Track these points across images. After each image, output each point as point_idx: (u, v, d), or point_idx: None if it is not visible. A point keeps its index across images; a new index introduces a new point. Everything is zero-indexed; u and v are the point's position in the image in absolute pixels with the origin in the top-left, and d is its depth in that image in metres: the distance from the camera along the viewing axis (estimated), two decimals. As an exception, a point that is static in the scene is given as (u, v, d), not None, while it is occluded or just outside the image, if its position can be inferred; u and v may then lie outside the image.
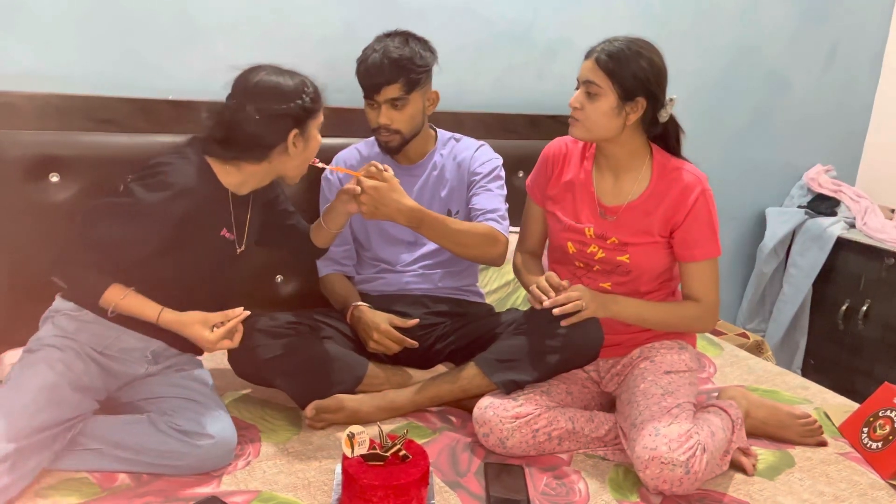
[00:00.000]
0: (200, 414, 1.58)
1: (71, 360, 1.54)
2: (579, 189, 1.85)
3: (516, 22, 2.54)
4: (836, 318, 3.10)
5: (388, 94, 1.91)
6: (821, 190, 3.28)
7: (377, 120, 1.95)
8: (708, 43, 2.94)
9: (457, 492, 1.54)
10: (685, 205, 1.74)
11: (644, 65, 1.69)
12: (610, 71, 1.68)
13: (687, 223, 1.75)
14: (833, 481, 1.68)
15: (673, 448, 1.51)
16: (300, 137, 1.63)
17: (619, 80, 1.68)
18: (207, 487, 1.50)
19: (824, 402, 2.07)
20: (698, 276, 1.78)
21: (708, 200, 1.76)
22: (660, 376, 1.72)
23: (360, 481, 1.39)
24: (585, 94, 1.72)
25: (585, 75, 1.72)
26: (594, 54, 1.71)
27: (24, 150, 1.88)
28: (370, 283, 2.07)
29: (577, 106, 1.73)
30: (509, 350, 1.77)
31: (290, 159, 1.65)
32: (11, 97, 1.87)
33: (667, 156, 1.81)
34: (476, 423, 1.68)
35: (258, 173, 1.66)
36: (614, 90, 1.69)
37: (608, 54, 1.69)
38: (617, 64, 1.68)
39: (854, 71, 3.34)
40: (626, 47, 1.69)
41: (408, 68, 1.90)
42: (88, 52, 1.98)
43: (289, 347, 1.76)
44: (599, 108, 1.70)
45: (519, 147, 2.52)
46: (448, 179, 2.06)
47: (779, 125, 3.24)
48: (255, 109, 1.57)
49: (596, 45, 1.74)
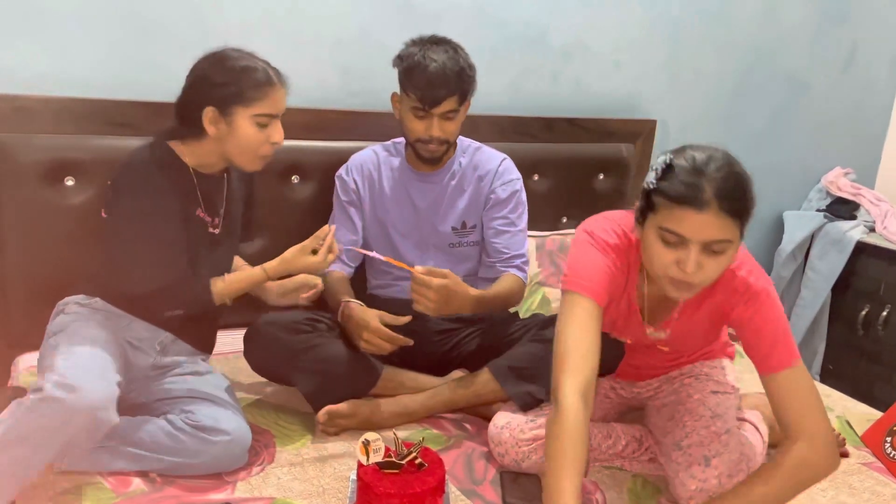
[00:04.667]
0: (215, 411, 1.58)
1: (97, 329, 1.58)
2: (625, 303, 1.56)
3: (531, 25, 2.52)
4: (855, 324, 3.06)
5: (446, 106, 1.85)
6: (840, 193, 3.24)
7: (428, 132, 1.87)
8: (725, 45, 2.90)
9: (472, 500, 1.52)
10: (745, 306, 1.44)
11: (751, 189, 1.35)
12: (737, 212, 1.31)
13: (752, 327, 1.44)
14: (856, 492, 1.65)
15: (723, 483, 1.45)
16: (220, 119, 1.58)
17: (743, 219, 1.33)
18: (221, 493, 1.49)
19: (846, 410, 2.04)
20: (787, 392, 1.40)
21: (772, 299, 1.45)
22: (707, 395, 1.62)
23: (376, 489, 1.38)
24: (706, 254, 1.32)
25: (709, 234, 1.30)
26: (710, 204, 1.28)
27: (40, 154, 1.88)
28: (385, 290, 2.04)
29: (695, 270, 1.32)
30: (524, 358, 1.75)
31: (224, 140, 1.60)
32: (27, 101, 1.87)
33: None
34: (491, 441, 1.65)
35: (208, 152, 1.63)
36: (739, 234, 1.34)
37: (730, 196, 1.30)
38: (743, 203, 1.32)
39: (873, 72, 3.29)
40: (736, 177, 1.33)
41: (466, 80, 1.86)
42: (104, 56, 1.98)
43: (306, 344, 1.74)
44: (725, 262, 1.35)
45: (534, 150, 2.50)
46: (466, 191, 2.00)
47: (797, 128, 3.20)
48: (191, 78, 1.60)
49: (693, 191, 1.29)
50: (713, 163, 1.32)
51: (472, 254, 2.02)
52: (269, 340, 1.74)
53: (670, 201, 1.31)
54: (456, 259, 2.00)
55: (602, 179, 2.67)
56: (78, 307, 1.63)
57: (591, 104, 2.69)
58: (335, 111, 2.23)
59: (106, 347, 1.54)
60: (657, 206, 1.34)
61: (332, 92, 2.27)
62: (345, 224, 1.99)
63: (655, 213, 1.35)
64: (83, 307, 1.63)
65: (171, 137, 1.64)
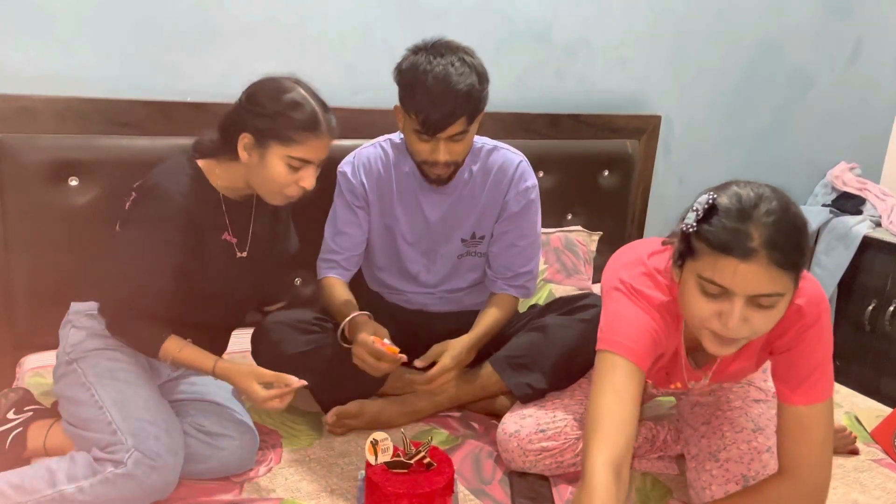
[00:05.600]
0: (223, 416, 1.57)
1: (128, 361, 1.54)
2: (669, 358, 1.44)
3: (536, 21, 2.51)
4: (862, 319, 3.04)
5: (452, 130, 1.65)
6: (845, 188, 3.23)
7: (433, 156, 1.69)
8: (730, 40, 2.89)
9: (482, 500, 1.52)
10: (790, 332, 1.31)
11: (807, 235, 1.19)
12: (792, 264, 1.15)
13: (791, 354, 1.32)
14: (867, 489, 1.64)
15: None
16: (253, 148, 1.49)
17: (798, 270, 1.18)
18: (229, 495, 1.48)
19: (854, 406, 2.03)
20: (801, 428, 1.29)
21: (820, 326, 1.30)
22: (749, 403, 1.53)
23: (385, 489, 1.37)
24: (753, 308, 1.17)
25: (757, 288, 1.15)
26: (758, 254, 1.12)
27: (44, 155, 1.87)
28: (390, 295, 1.98)
29: (740, 325, 1.18)
30: (520, 347, 1.75)
31: (253, 170, 1.52)
32: (30, 101, 1.86)
33: None
34: (500, 446, 1.63)
35: (238, 176, 1.55)
36: (793, 285, 1.18)
37: (782, 244, 1.13)
38: (798, 252, 1.16)
39: (879, 66, 3.28)
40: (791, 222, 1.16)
41: (475, 99, 1.65)
42: (107, 56, 1.97)
43: (314, 344, 1.73)
44: (776, 316, 1.20)
45: (539, 147, 2.49)
46: (479, 200, 1.86)
47: (802, 123, 3.19)
48: (243, 96, 1.53)
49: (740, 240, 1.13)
50: (764, 204, 1.15)
51: (479, 264, 1.94)
52: (278, 340, 1.72)
53: (712, 248, 1.16)
54: (463, 269, 1.94)
55: (607, 176, 2.66)
56: (89, 320, 1.58)
57: (596, 100, 2.68)
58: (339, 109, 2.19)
59: (149, 385, 1.52)
60: (697, 252, 1.19)
61: (335, 90, 2.24)
62: (351, 227, 1.87)
63: (695, 260, 1.19)
64: (94, 318, 1.57)
65: (203, 155, 1.57)
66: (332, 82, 2.25)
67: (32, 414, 1.62)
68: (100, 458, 1.39)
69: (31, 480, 1.38)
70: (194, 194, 1.52)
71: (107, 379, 1.49)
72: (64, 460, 1.41)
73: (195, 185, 1.53)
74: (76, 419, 1.48)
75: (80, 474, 1.37)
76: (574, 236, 2.53)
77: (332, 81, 2.25)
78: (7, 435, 1.57)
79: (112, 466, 1.37)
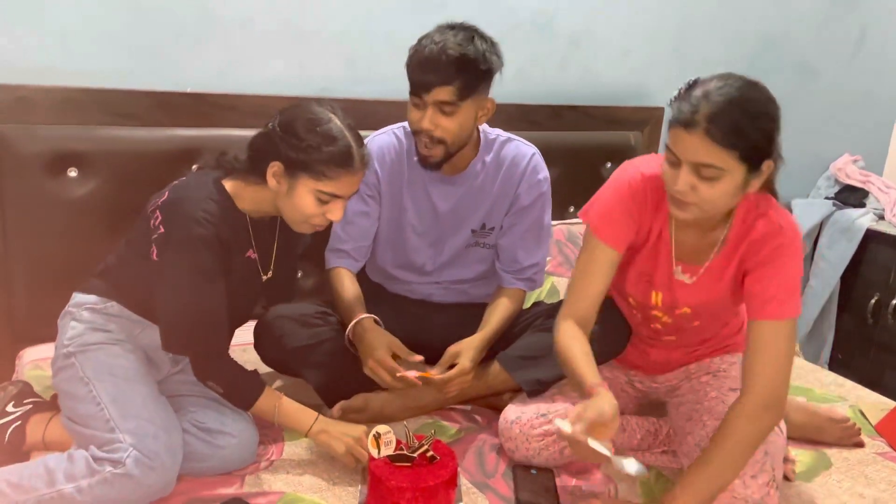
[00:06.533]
0: (222, 413, 1.56)
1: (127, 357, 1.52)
2: (655, 244, 1.53)
3: (539, 12, 2.49)
4: (864, 313, 3.03)
5: (438, 95, 1.64)
6: (848, 181, 3.21)
7: (419, 123, 1.69)
8: (734, 31, 2.87)
9: (485, 493, 1.51)
10: (763, 253, 1.42)
11: (765, 123, 1.30)
12: (734, 146, 1.27)
13: (761, 273, 1.42)
14: (872, 482, 1.63)
15: (747, 484, 1.39)
16: (283, 177, 1.46)
17: (747, 152, 1.29)
18: (230, 488, 1.47)
19: (859, 400, 2.02)
20: (764, 343, 1.39)
21: (792, 250, 1.41)
22: (725, 392, 1.57)
23: (388, 483, 1.36)
24: (696, 176, 1.31)
25: (694, 155, 1.29)
26: (700, 126, 1.27)
27: (43, 145, 1.86)
28: (392, 285, 1.97)
29: (685, 190, 1.33)
30: (532, 346, 1.74)
31: (281, 198, 1.49)
32: (30, 91, 1.85)
33: (753, 199, 1.45)
34: (502, 436, 1.63)
35: (265, 200, 1.52)
36: (741, 165, 1.30)
37: (724, 127, 1.26)
38: (742, 137, 1.27)
39: (883, 58, 3.26)
40: (739, 110, 1.27)
41: (467, 70, 1.63)
42: (107, 46, 1.95)
43: (317, 338, 1.72)
44: (722, 190, 1.32)
45: (541, 138, 2.45)
46: (490, 193, 1.85)
47: (805, 115, 3.17)
48: (278, 121, 1.47)
49: (688, 111, 1.28)
50: (724, 87, 1.28)
51: (487, 255, 1.92)
52: (280, 334, 1.71)
53: (671, 121, 1.34)
54: (470, 259, 1.92)
55: (609, 168, 2.64)
56: (91, 314, 1.55)
57: (599, 92, 2.66)
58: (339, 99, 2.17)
59: (148, 382, 1.51)
60: (669, 126, 1.36)
61: (336, 80, 2.24)
62: (361, 217, 1.85)
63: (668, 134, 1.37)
64: (97, 313, 1.55)
65: (228, 175, 1.53)
66: (333, 73, 2.24)
67: (32, 407, 1.61)
68: (98, 458, 1.38)
69: (30, 479, 1.37)
70: (222, 219, 1.47)
71: (105, 375, 1.47)
72: (62, 459, 1.40)
73: (222, 210, 1.48)
74: (74, 414, 1.47)
75: (79, 474, 1.37)
76: (576, 229, 2.52)
77: (333, 72, 2.24)
78: (6, 428, 1.56)
79: (111, 466, 1.36)
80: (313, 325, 1.74)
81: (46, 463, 1.40)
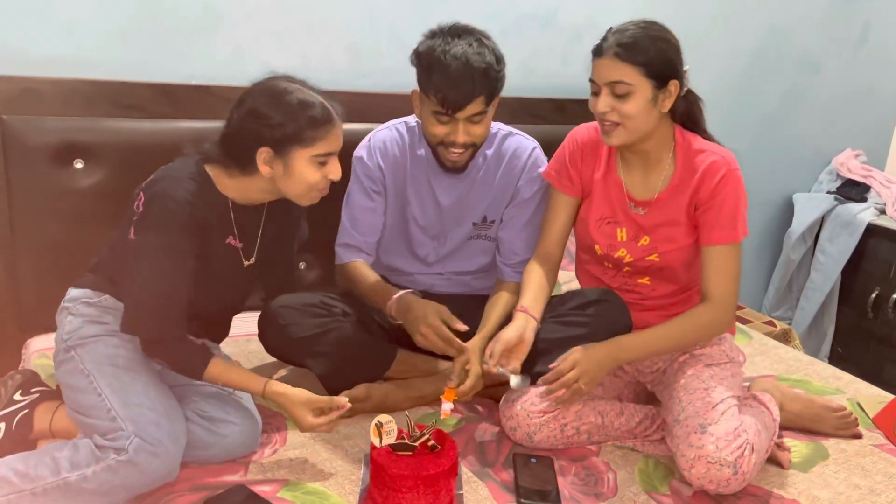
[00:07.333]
0: (225, 401, 1.58)
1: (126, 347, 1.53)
2: (608, 185, 1.74)
3: (542, 5, 2.49)
4: (865, 307, 3.05)
5: (471, 109, 1.66)
6: (850, 175, 3.22)
7: (452, 137, 1.71)
8: (737, 25, 2.88)
9: (485, 482, 1.53)
10: (709, 186, 1.63)
11: (664, 45, 1.56)
12: (637, 62, 1.54)
13: (709, 204, 1.63)
14: (868, 473, 1.64)
15: (721, 447, 1.46)
16: (274, 159, 1.47)
17: (650, 68, 1.54)
18: (234, 476, 1.49)
19: (857, 393, 2.03)
20: (716, 264, 1.64)
21: (733, 181, 1.63)
22: (701, 370, 1.65)
23: (389, 471, 1.38)
24: (613, 96, 1.57)
25: (607, 76, 1.56)
26: (609, 51, 1.55)
27: (49, 137, 1.87)
28: (395, 277, 1.97)
29: (606, 110, 1.58)
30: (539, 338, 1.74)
31: (279, 180, 1.50)
32: (36, 83, 1.86)
33: (689, 139, 1.69)
34: (503, 416, 1.66)
35: (255, 187, 1.53)
36: (648, 81, 1.55)
37: (627, 46, 1.54)
38: (642, 53, 1.54)
39: (886, 53, 3.26)
40: (640, 32, 1.56)
41: (493, 78, 1.67)
42: (113, 38, 1.97)
43: (321, 328, 1.73)
44: (635, 105, 1.56)
45: (544, 132, 2.46)
46: (492, 185, 1.88)
47: (808, 109, 3.18)
48: (243, 112, 1.47)
49: (600, 42, 1.59)
50: (636, 26, 1.57)
51: (489, 248, 1.94)
52: (284, 324, 1.72)
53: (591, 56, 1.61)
54: (472, 251, 1.94)
55: (612, 161, 2.65)
56: (86, 307, 1.56)
57: (602, 85, 2.66)
58: (343, 93, 2.19)
59: (149, 370, 1.53)
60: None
61: (340, 73, 2.25)
62: (368, 214, 1.88)
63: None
64: (91, 306, 1.56)
65: (212, 163, 1.54)
66: (337, 66, 2.25)
67: (38, 396, 1.63)
68: (102, 446, 1.39)
69: (36, 468, 1.39)
70: (202, 199, 1.48)
71: (105, 366, 1.49)
72: (67, 448, 1.42)
73: (202, 190, 1.50)
74: (77, 405, 1.48)
75: (83, 462, 1.38)
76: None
77: (337, 65, 2.25)
78: (13, 416, 1.58)
79: (114, 453, 1.37)
80: (318, 316, 1.75)
81: (52, 451, 1.42)
